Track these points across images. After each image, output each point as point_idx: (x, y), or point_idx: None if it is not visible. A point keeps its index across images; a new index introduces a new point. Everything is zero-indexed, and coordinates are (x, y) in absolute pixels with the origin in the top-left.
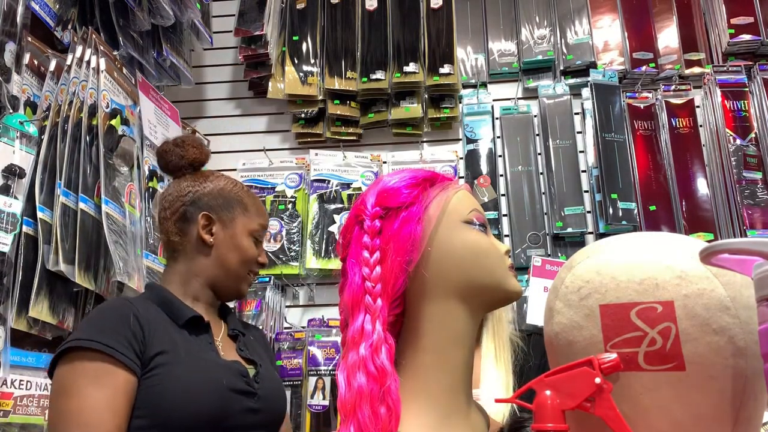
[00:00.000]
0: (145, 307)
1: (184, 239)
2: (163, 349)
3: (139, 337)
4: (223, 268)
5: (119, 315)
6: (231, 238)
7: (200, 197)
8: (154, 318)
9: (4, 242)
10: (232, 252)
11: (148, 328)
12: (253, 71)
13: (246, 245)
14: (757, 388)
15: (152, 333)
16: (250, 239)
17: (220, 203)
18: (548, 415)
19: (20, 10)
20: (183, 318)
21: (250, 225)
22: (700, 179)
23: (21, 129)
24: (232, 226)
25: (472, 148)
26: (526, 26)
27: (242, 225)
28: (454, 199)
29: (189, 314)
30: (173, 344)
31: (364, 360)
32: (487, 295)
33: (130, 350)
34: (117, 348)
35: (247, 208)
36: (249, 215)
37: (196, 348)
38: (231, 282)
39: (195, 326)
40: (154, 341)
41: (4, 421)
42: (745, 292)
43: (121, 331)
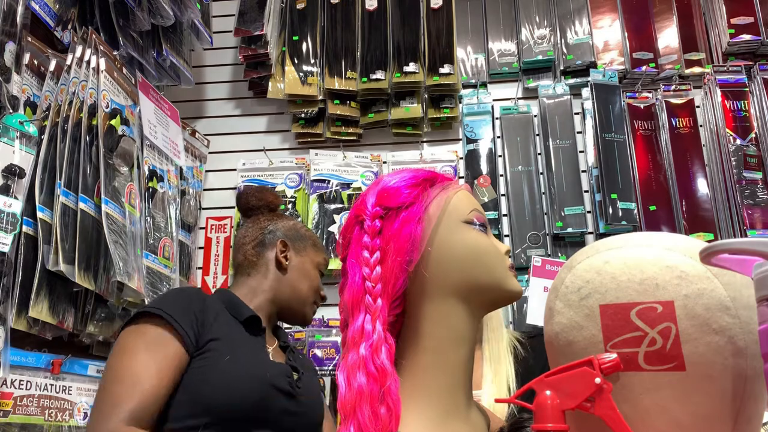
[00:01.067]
0: (213, 300)
1: (260, 260)
2: (218, 337)
3: (200, 319)
4: (293, 291)
5: (189, 296)
6: (302, 265)
7: (278, 228)
8: (219, 311)
9: (4, 242)
10: (303, 278)
11: (211, 315)
12: (253, 71)
13: (314, 275)
14: (757, 388)
15: (213, 321)
16: (316, 271)
17: (294, 235)
18: (548, 415)
19: (20, 10)
20: (243, 315)
21: (317, 258)
22: (700, 179)
23: (21, 129)
24: (304, 255)
25: (472, 148)
26: (526, 26)
27: (311, 257)
28: (454, 199)
29: (249, 313)
30: (229, 335)
31: (364, 360)
32: (487, 295)
33: (190, 328)
34: (179, 321)
35: (315, 244)
36: (317, 250)
37: (249, 344)
38: (298, 305)
39: (253, 326)
40: (212, 328)
41: (4, 421)
42: (745, 292)
43: (187, 308)
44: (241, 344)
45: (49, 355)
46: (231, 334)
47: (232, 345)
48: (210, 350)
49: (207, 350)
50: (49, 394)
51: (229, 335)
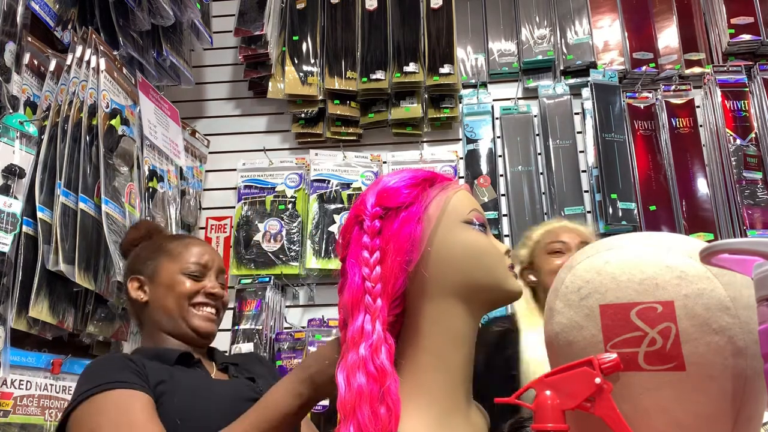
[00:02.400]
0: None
1: (133, 309)
2: (163, 379)
3: (141, 370)
4: (163, 313)
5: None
6: (161, 285)
7: (129, 267)
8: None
9: (4, 242)
10: (166, 295)
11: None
12: (253, 71)
13: (175, 282)
14: (757, 388)
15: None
16: (180, 276)
17: (144, 262)
18: (548, 415)
19: (20, 10)
20: (173, 357)
21: (177, 266)
22: (700, 179)
23: (21, 129)
24: (160, 276)
25: (472, 148)
26: (526, 26)
27: (167, 271)
28: (453, 199)
29: (178, 352)
30: (171, 376)
31: (364, 360)
32: (487, 294)
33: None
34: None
35: (173, 254)
36: (175, 258)
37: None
38: (177, 322)
39: (187, 362)
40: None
41: (4, 421)
42: (745, 292)
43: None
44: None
45: (49, 355)
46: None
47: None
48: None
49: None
50: (49, 394)
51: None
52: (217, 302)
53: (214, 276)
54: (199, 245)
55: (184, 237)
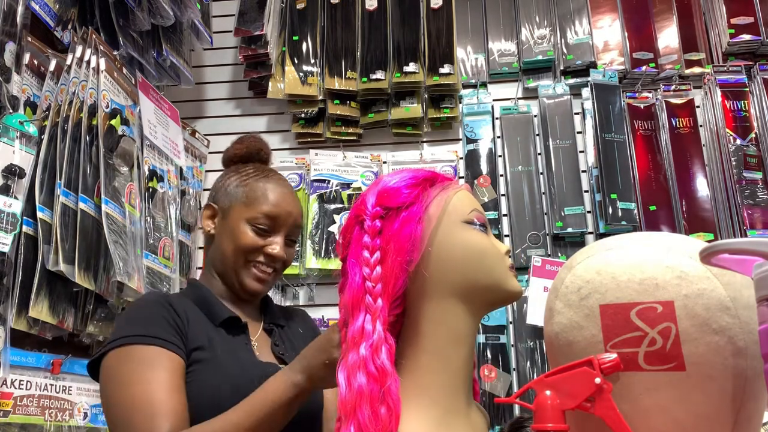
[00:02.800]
0: (181, 302)
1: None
2: (201, 345)
3: (180, 326)
4: (221, 258)
5: (153, 305)
6: (226, 226)
7: (216, 190)
8: (191, 313)
9: (4, 242)
10: (228, 240)
11: (186, 320)
12: (253, 71)
13: (239, 232)
14: (757, 388)
15: (189, 326)
16: (246, 226)
17: (225, 193)
18: (548, 415)
19: (20, 10)
20: (220, 318)
21: (248, 213)
22: (700, 179)
23: (21, 129)
24: (229, 216)
25: (472, 148)
26: (526, 26)
27: (237, 214)
28: (454, 199)
29: (225, 315)
30: (210, 342)
31: (365, 360)
32: (488, 295)
33: (176, 338)
34: (164, 337)
35: (249, 197)
36: (250, 203)
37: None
38: (231, 273)
39: (232, 326)
40: (192, 335)
41: (4, 421)
42: (745, 292)
43: (163, 320)
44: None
45: (49, 355)
46: (212, 339)
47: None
48: (195, 361)
49: (192, 361)
50: (49, 394)
51: (210, 341)
52: (275, 263)
53: (285, 233)
54: (278, 194)
55: (268, 178)
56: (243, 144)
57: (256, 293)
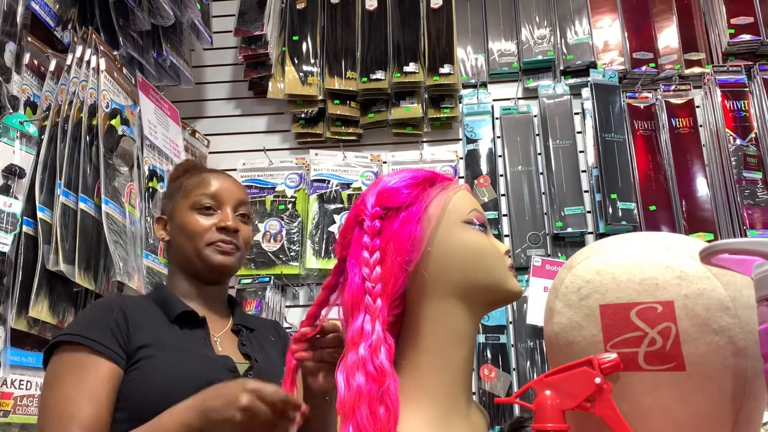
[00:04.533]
0: (138, 303)
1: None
2: (147, 343)
3: (123, 329)
4: (181, 252)
5: (104, 309)
6: (176, 224)
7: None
8: (146, 313)
9: (4, 242)
10: (180, 235)
11: (134, 321)
12: (253, 71)
13: (188, 221)
14: (757, 388)
15: (137, 326)
16: (192, 214)
17: (166, 200)
18: (548, 415)
19: (20, 10)
20: (174, 313)
21: (189, 202)
22: (700, 179)
23: (21, 129)
24: (175, 215)
25: (472, 148)
26: (526, 26)
27: (180, 207)
28: (454, 199)
29: (180, 309)
30: (158, 339)
31: (364, 360)
32: (487, 295)
33: (113, 342)
34: (100, 340)
35: (184, 188)
36: (188, 193)
37: (185, 343)
38: (196, 260)
39: (188, 321)
40: (139, 334)
41: (4, 421)
42: (745, 292)
43: (104, 324)
44: (174, 346)
45: None
46: (161, 336)
47: (162, 350)
48: (140, 359)
49: (137, 359)
50: None
51: (158, 339)
52: (232, 236)
53: (231, 209)
54: (215, 177)
55: (204, 171)
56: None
57: (225, 266)
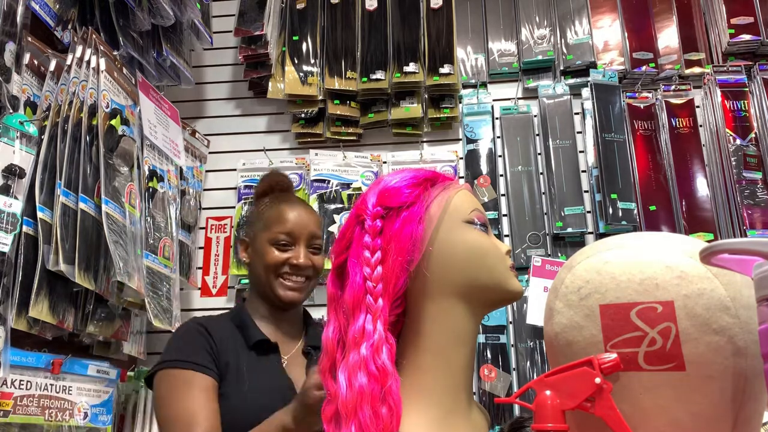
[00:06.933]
0: (220, 325)
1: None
2: (229, 362)
3: (213, 349)
4: (256, 279)
5: (194, 333)
6: (255, 252)
7: (244, 225)
8: (228, 335)
9: (4, 242)
10: (257, 263)
11: (219, 341)
12: (253, 71)
13: (264, 253)
14: (757, 388)
15: (222, 346)
16: (269, 247)
17: (248, 225)
18: (548, 415)
19: (20, 10)
20: (251, 340)
21: (268, 236)
22: (700, 179)
23: (21, 129)
24: (255, 243)
25: (472, 148)
26: (526, 26)
27: (261, 239)
28: (455, 198)
29: (257, 338)
30: (238, 363)
31: (365, 360)
32: (488, 294)
33: (210, 361)
34: (199, 361)
35: (265, 222)
36: (268, 227)
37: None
38: (267, 289)
39: (263, 348)
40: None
41: (4, 421)
42: (745, 292)
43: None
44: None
45: (49, 355)
46: (240, 360)
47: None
48: (224, 380)
49: (223, 379)
50: (49, 394)
51: (237, 361)
52: (304, 271)
53: (304, 244)
54: (291, 212)
55: (282, 202)
56: (264, 182)
57: (292, 301)
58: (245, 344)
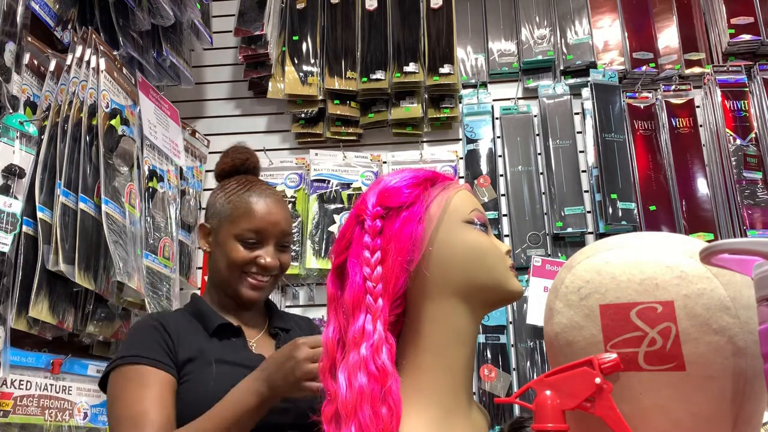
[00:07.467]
0: (176, 318)
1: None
2: (192, 356)
3: (170, 344)
4: (217, 273)
5: (148, 328)
6: (218, 243)
7: (207, 208)
8: (185, 328)
9: (4, 242)
10: (219, 256)
11: (176, 337)
12: (253, 71)
13: (229, 249)
14: (757, 388)
15: (180, 341)
16: (234, 243)
17: (213, 211)
18: (548, 415)
19: (20, 10)
20: (212, 326)
21: (234, 229)
22: (700, 179)
23: (21, 129)
24: (219, 234)
25: (472, 148)
26: (526, 26)
27: (225, 231)
28: (455, 198)
29: (217, 322)
30: (201, 352)
31: (365, 360)
32: (488, 294)
33: (165, 357)
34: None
35: (233, 214)
36: (235, 220)
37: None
38: (228, 286)
39: (226, 332)
40: (183, 348)
41: (4, 421)
42: (745, 292)
43: (153, 341)
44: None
45: (49, 355)
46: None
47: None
48: (187, 373)
49: (185, 374)
50: (49, 394)
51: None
52: (270, 272)
53: (273, 242)
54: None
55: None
56: (228, 157)
57: (253, 300)
58: (206, 332)
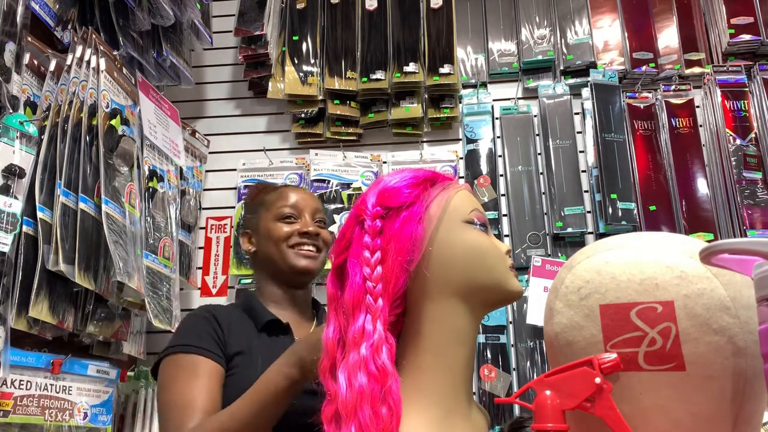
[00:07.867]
0: (228, 311)
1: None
2: (241, 350)
3: (221, 336)
4: (268, 259)
5: (201, 319)
6: (261, 235)
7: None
8: (236, 321)
9: (4, 242)
10: (266, 242)
11: (227, 329)
12: (253, 71)
13: (272, 229)
14: (757, 388)
15: (230, 334)
16: (276, 224)
17: (249, 216)
18: (548, 415)
19: (20, 10)
20: (261, 322)
21: (273, 214)
22: (700, 179)
23: (21, 129)
24: (260, 227)
25: (472, 148)
26: (526, 26)
27: (265, 220)
28: (455, 198)
29: (267, 318)
30: (250, 347)
31: (365, 360)
32: (488, 294)
33: (216, 347)
34: (204, 346)
35: (265, 204)
36: (270, 208)
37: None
38: (282, 264)
39: (274, 329)
40: (233, 341)
41: (4, 421)
42: (745, 292)
43: (205, 332)
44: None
45: (49, 355)
46: (251, 345)
47: (253, 357)
48: (235, 365)
49: (233, 366)
50: (49, 394)
51: (249, 347)
52: (314, 240)
53: (309, 216)
54: (292, 190)
55: (280, 187)
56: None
57: (309, 270)
58: (255, 327)
